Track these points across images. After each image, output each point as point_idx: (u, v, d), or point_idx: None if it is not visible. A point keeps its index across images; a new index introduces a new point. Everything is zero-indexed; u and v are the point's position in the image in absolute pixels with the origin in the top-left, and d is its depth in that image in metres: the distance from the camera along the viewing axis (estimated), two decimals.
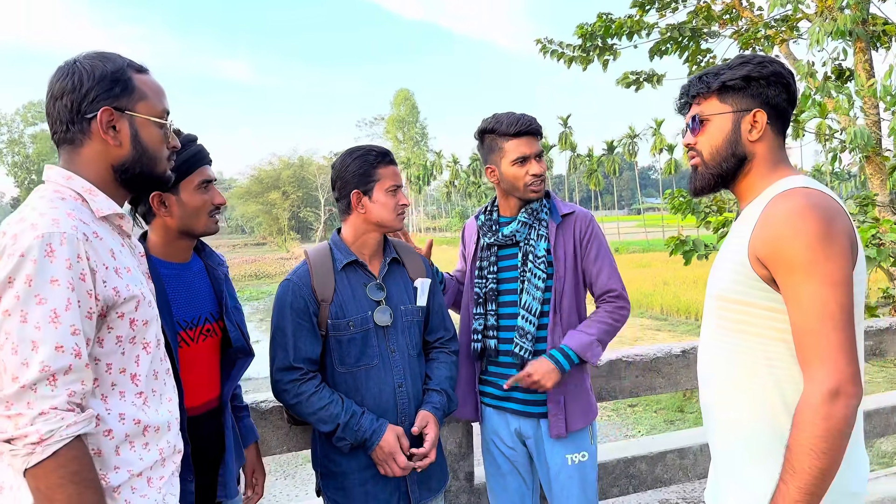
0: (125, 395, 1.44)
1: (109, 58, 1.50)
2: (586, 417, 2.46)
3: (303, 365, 2.16)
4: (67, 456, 1.26)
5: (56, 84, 1.47)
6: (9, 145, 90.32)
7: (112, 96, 1.47)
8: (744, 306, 1.56)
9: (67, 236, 1.31)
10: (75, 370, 1.29)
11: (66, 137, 1.48)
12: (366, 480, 2.20)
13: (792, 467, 1.41)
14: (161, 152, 1.57)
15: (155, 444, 1.49)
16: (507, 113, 2.47)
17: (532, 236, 2.47)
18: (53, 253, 1.29)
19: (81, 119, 1.46)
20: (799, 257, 1.42)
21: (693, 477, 3.29)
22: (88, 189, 1.46)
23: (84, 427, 1.30)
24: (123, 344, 1.44)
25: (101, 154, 1.49)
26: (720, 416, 1.66)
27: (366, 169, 2.22)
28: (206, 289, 2.03)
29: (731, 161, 1.66)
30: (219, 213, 2.01)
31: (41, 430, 1.23)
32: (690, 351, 3.24)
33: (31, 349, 1.25)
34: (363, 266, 2.28)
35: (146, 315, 1.48)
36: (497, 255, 2.54)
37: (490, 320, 2.50)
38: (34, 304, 1.26)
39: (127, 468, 1.42)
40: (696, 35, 8.22)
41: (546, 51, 8.58)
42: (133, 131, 1.50)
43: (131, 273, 1.47)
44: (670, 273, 26.65)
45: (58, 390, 1.26)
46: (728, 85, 1.64)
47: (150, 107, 1.54)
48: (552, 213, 2.52)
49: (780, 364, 1.53)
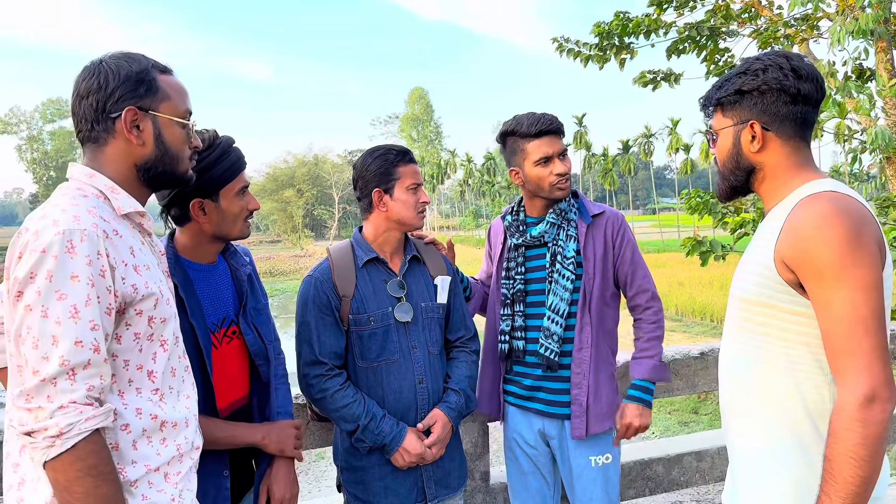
0: (141, 391, 1.46)
1: (135, 58, 1.53)
2: (609, 420, 2.44)
3: (328, 359, 2.19)
4: (86, 449, 1.29)
5: (82, 83, 1.49)
6: (28, 142, 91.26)
7: (137, 96, 1.49)
8: (768, 309, 1.55)
9: (88, 233, 1.33)
10: (94, 365, 1.31)
11: (90, 136, 1.50)
12: (385, 475, 2.22)
13: (833, 478, 1.38)
14: (183, 152, 1.60)
15: (172, 439, 1.51)
16: (528, 113, 2.45)
17: (561, 237, 2.45)
18: (74, 249, 1.31)
19: (106, 118, 1.48)
20: (828, 263, 1.40)
21: (710, 480, 3.26)
22: (111, 187, 1.49)
23: (102, 421, 1.32)
24: (141, 341, 1.46)
25: (124, 153, 1.51)
26: (740, 419, 1.65)
27: (386, 168, 2.23)
28: (230, 290, 2.04)
29: (738, 174, 1.67)
30: (251, 217, 2.01)
31: (60, 423, 1.26)
32: (709, 353, 3.22)
33: (52, 343, 1.28)
34: (384, 263, 2.30)
35: (164, 313, 1.50)
36: (525, 255, 2.53)
37: (518, 321, 2.49)
38: (55, 300, 1.29)
39: (144, 463, 1.44)
40: (714, 34, 8.15)
41: (562, 49, 8.53)
42: (156, 131, 1.53)
43: (150, 270, 1.49)
44: (685, 274, 26.51)
45: (77, 384, 1.29)
46: (723, 101, 1.65)
47: (174, 107, 1.56)
48: (581, 213, 2.50)
49: (802, 368, 1.51)
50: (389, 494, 2.22)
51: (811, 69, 1.58)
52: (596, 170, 76.42)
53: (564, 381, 2.45)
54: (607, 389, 2.45)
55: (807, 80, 1.56)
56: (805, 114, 1.59)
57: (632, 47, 8.54)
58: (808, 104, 1.58)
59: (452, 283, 2.41)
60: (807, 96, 1.57)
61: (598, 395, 2.43)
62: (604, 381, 2.45)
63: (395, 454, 2.17)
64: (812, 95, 1.58)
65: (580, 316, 2.41)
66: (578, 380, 2.42)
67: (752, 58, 1.64)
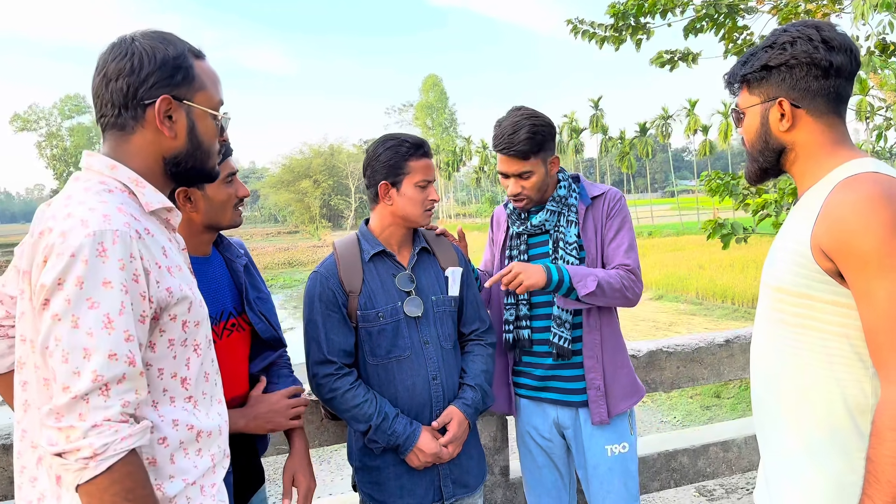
0: (175, 400, 1.37)
1: (171, 40, 1.39)
2: (629, 399, 2.39)
3: (337, 358, 2.12)
4: (122, 471, 1.18)
5: (111, 64, 1.35)
6: (48, 138, 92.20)
7: (173, 84, 1.37)
8: (804, 299, 1.45)
9: (120, 234, 1.22)
10: (129, 379, 1.20)
11: (115, 122, 1.37)
12: (401, 475, 2.16)
13: (876, 479, 1.29)
14: (214, 146, 1.48)
15: (207, 450, 1.42)
16: (502, 121, 2.36)
17: (562, 223, 2.39)
18: (105, 252, 1.19)
19: (137, 105, 1.35)
20: (871, 251, 1.30)
21: (737, 470, 3.18)
22: (135, 180, 1.36)
23: (139, 440, 1.22)
24: (175, 347, 1.35)
25: (152, 144, 1.39)
26: (774, 415, 1.56)
27: (396, 161, 2.14)
28: (226, 283, 1.98)
29: (767, 154, 1.58)
30: (242, 204, 1.95)
31: (94, 443, 1.15)
32: (734, 340, 3.12)
33: (83, 357, 1.16)
34: (391, 256, 2.23)
35: (198, 315, 1.40)
36: (527, 243, 2.48)
37: (522, 310, 2.43)
38: (86, 309, 1.17)
39: (182, 477, 1.35)
40: (732, 11, 7.95)
41: (577, 31, 8.38)
42: (190, 123, 1.41)
43: (182, 272, 1.39)
44: (705, 256, 26.20)
45: (111, 401, 1.18)
46: (749, 77, 1.54)
47: (209, 97, 1.44)
48: (582, 197, 2.44)
49: (841, 361, 1.42)
50: (405, 495, 2.16)
51: (844, 39, 1.47)
52: (613, 153, 75.81)
53: (577, 367, 2.39)
54: (624, 369, 2.41)
55: (839, 51, 1.45)
56: (839, 88, 1.48)
57: (648, 27, 8.37)
58: (841, 77, 1.47)
59: (465, 274, 2.33)
60: (840, 69, 1.46)
61: (615, 376, 2.38)
62: (619, 361, 2.40)
63: (410, 454, 2.11)
64: (846, 67, 1.47)
65: None
66: (592, 363, 2.36)
67: (780, 29, 1.53)
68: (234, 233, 23.82)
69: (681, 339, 3.15)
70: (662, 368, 3.02)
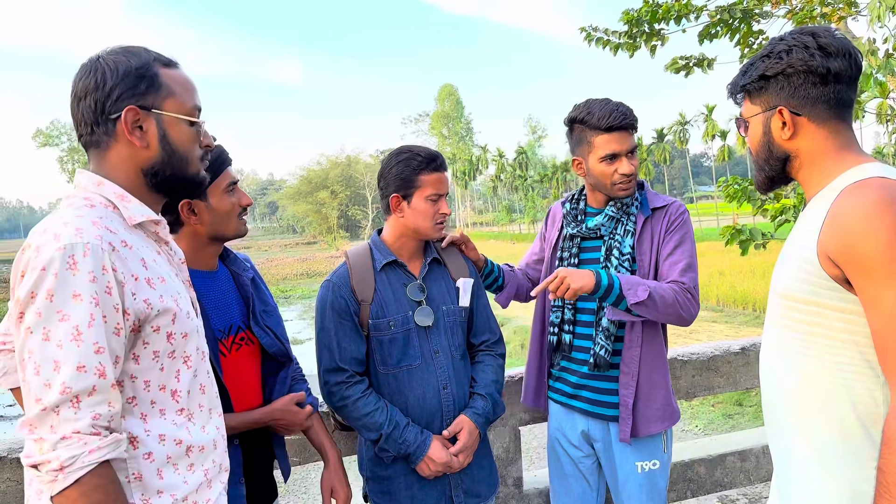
0: (165, 412, 1.37)
1: (134, 52, 1.40)
2: (661, 423, 2.30)
3: (348, 366, 2.13)
4: (90, 484, 1.18)
5: (79, 83, 1.37)
6: (69, 153, 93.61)
7: (137, 94, 1.37)
8: (812, 307, 1.43)
9: (91, 246, 1.23)
10: (100, 391, 1.21)
11: (91, 140, 1.39)
12: (411, 484, 2.16)
13: (888, 491, 1.26)
14: (192, 152, 1.46)
15: (200, 464, 1.42)
16: (602, 101, 2.28)
17: (619, 231, 2.32)
18: (76, 265, 1.21)
19: (106, 120, 1.36)
20: (878, 257, 1.28)
21: (755, 480, 3.13)
22: (120, 195, 1.38)
23: (109, 452, 1.21)
24: (161, 359, 1.36)
25: (128, 157, 1.39)
26: (785, 423, 1.53)
27: (408, 174, 2.14)
28: (234, 296, 1.99)
29: (773, 163, 1.56)
30: (246, 214, 1.96)
31: (62, 456, 1.16)
32: (750, 348, 3.08)
33: (53, 369, 1.18)
34: (403, 266, 2.23)
35: (185, 327, 1.40)
36: (580, 246, 2.41)
37: (567, 314, 2.38)
38: (56, 321, 1.19)
39: (171, 492, 1.34)
40: (747, 16, 7.90)
41: (591, 39, 8.36)
42: (161, 131, 1.40)
43: (166, 283, 1.38)
44: (725, 263, 25.97)
45: (81, 413, 1.18)
46: (749, 87, 1.54)
47: (179, 104, 1.43)
48: (643, 206, 2.35)
49: (850, 369, 1.39)
50: None
51: (842, 44, 1.44)
52: None
53: (611, 380, 2.32)
54: (661, 390, 2.31)
55: (837, 56, 1.43)
56: (839, 93, 1.46)
57: (662, 33, 8.34)
58: (840, 83, 1.45)
59: (475, 285, 2.33)
60: (839, 74, 1.44)
61: (649, 397, 2.29)
62: (657, 381, 2.30)
63: (421, 463, 2.10)
64: (845, 72, 1.44)
65: None
66: (627, 380, 2.29)
67: (777, 38, 1.52)
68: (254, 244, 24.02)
69: (696, 347, 3.11)
70: (678, 377, 2.99)
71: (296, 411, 1.98)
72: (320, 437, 2.12)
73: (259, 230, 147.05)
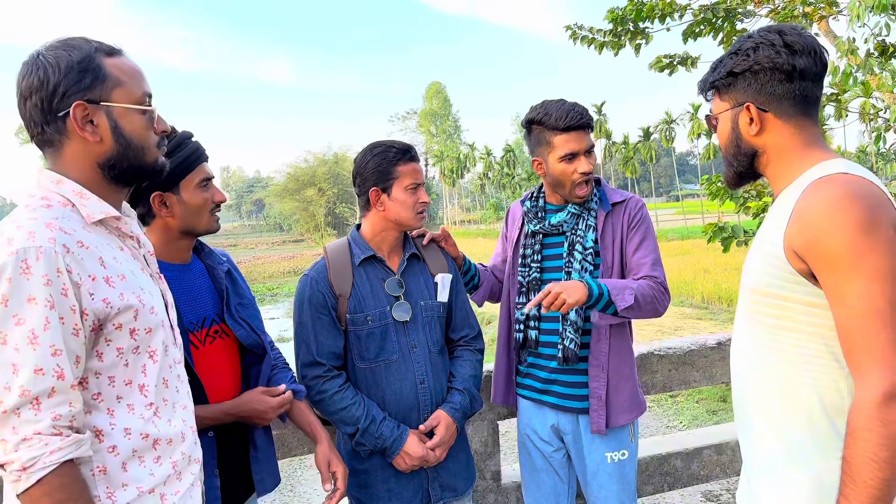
0: (133, 407, 1.38)
1: (75, 45, 1.36)
2: (630, 413, 2.36)
3: (326, 360, 2.14)
4: (53, 484, 1.20)
5: (23, 82, 1.34)
6: None
7: (83, 88, 1.33)
8: (779, 300, 1.46)
9: (44, 250, 1.23)
10: (59, 392, 1.23)
11: (44, 140, 1.37)
12: (388, 478, 2.18)
13: (852, 480, 1.29)
14: (147, 140, 1.43)
15: (168, 457, 1.42)
16: (558, 102, 2.33)
17: (580, 226, 2.36)
18: (29, 269, 1.21)
19: (55, 118, 1.34)
20: (841, 251, 1.31)
21: (731, 473, 3.17)
22: (79, 193, 1.36)
23: (71, 452, 1.23)
24: (125, 355, 1.36)
25: (83, 153, 1.37)
26: (753, 416, 1.56)
27: (385, 166, 2.16)
28: (208, 289, 1.99)
29: (741, 158, 1.59)
30: (219, 210, 1.96)
31: (23, 457, 1.19)
32: (726, 343, 3.12)
33: (12, 373, 1.20)
34: (381, 261, 2.24)
35: (148, 322, 1.40)
36: (542, 242, 2.45)
37: (532, 310, 2.41)
38: (12, 325, 1.20)
39: (136, 485, 1.35)
40: (730, 15, 7.95)
41: (576, 37, 8.37)
42: (112, 123, 1.37)
43: (127, 280, 1.37)
44: (710, 260, 26.12)
45: (42, 414, 1.21)
46: (718, 84, 1.57)
47: (128, 93, 1.39)
48: (602, 201, 2.40)
49: (817, 362, 1.42)
50: (393, 498, 2.17)
51: (807, 42, 1.48)
52: (617, 158, 75.75)
53: (580, 373, 2.36)
54: (628, 382, 2.37)
55: (802, 54, 1.47)
56: (804, 90, 1.49)
57: (647, 32, 8.37)
58: (806, 80, 1.48)
59: (454, 280, 2.34)
60: (804, 71, 1.47)
61: (618, 388, 2.34)
62: (624, 373, 2.36)
63: (397, 457, 2.12)
64: (810, 69, 1.48)
65: None
66: (596, 372, 2.33)
67: (745, 36, 1.55)
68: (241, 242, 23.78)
69: (672, 341, 3.15)
70: (654, 371, 3.02)
71: (264, 399, 1.95)
72: (307, 417, 2.09)
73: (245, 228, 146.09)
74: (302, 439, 2.53)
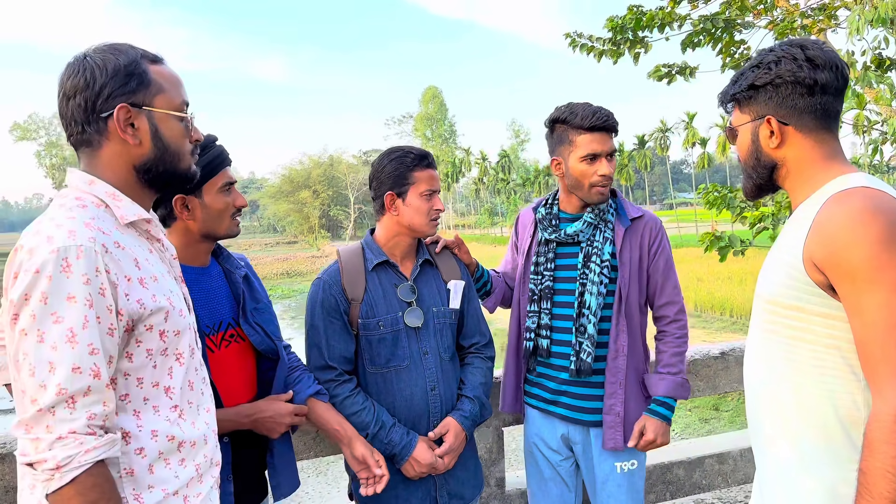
0: (159, 409, 1.38)
1: (122, 49, 1.40)
2: None
3: (337, 364, 2.15)
4: (86, 483, 1.20)
5: (67, 82, 1.37)
6: (47, 148, 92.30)
7: (128, 91, 1.37)
8: (796, 312, 1.47)
9: (84, 249, 1.24)
10: (95, 391, 1.23)
11: (82, 139, 1.39)
12: (396, 484, 2.17)
13: (868, 491, 1.30)
14: (184, 147, 1.48)
15: (191, 459, 1.43)
16: (584, 104, 2.33)
17: (597, 238, 2.35)
18: (70, 268, 1.22)
19: (97, 118, 1.37)
20: (861, 265, 1.33)
21: (733, 483, 3.19)
22: (112, 194, 1.38)
23: (105, 452, 1.24)
24: (154, 357, 1.37)
25: (120, 155, 1.40)
26: (767, 426, 1.57)
27: (402, 171, 2.17)
28: (225, 293, 1.99)
29: (760, 171, 1.61)
30: (240, 214, 1.97)
31: (58, 455, 1.18)
32: (729, 353, 3.14)
33: (48, 371, 1.20)
34: (394, 267, 2.25)
35: (177, 325, 1.41)
36: (556, 251, 2.44)
37: (544, 319, 2.40)
38: (50, 323, 1.21)
39: (161, 487, 1.36)
40: (729, 26, 8.01)
41: (575, 45, 8.42)
42: (153, 127, 1.41)
43: (158, 282, 1.39)
44: (703, 269, 26.23)
45: (77, 413, 1.21)
46: (738, 96, 1.59)
47: (169, 100, 1.44)
48: (620, 214, 2.40)
49: (833, 374, 1.43)
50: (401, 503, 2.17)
51: (829, 57, 1.49)
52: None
53: (592, 386, 2.35)
54: (640, 398, 2.37)
55: (824, 68, 1.49)
56: (826, 104, 1.51)
57: (646, 41, 8.42)
58: (827, 94, 1.50)
59: (466, 287, 2.35)
60: (825, 86, 1.49)
61: (635, 404, 2.35)
62: (638, 390, 2.37)
63: (406, 464, 2.12)
64: (831, 84, 1.50)
65: (615, 322, 2.32)
66: (614, 389, 2.32)
67: (766, 49, 1.57)
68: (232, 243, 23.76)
69: None
70: None
71: (279, 404, 1.96)
72: (335, 416, 2.10)
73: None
74: (308, 444, 2.53)
